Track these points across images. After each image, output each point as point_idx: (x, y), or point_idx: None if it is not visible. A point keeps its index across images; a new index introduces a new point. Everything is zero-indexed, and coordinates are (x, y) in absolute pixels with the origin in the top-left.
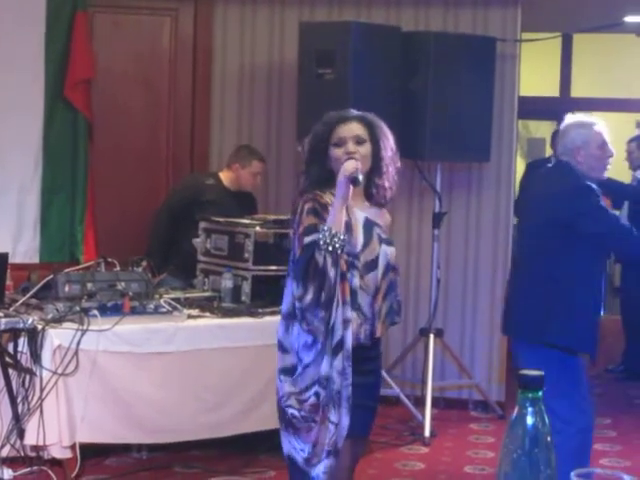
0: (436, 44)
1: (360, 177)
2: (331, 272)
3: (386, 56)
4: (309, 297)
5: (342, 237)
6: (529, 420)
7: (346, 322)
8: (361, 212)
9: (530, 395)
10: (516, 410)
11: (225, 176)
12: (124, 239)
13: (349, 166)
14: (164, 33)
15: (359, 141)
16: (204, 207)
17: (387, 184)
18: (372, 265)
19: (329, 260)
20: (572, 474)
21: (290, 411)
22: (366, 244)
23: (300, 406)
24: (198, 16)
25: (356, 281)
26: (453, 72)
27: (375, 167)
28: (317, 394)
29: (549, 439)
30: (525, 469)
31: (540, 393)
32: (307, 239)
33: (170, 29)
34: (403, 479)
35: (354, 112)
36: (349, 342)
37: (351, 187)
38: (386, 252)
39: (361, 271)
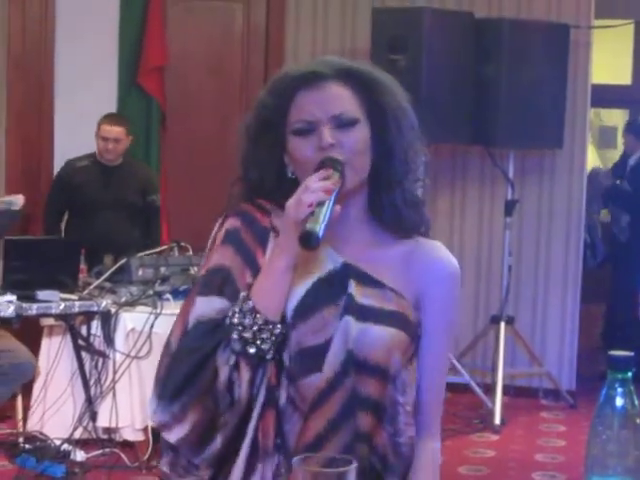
0: (509, 31)
1: (321, 231)
2: (242, 396)
3: (459, 42)
4: (183, 432)
5: (278, 328)
6: (618, 401)
7: None
8: (344, 245)
9: (620, 376)
10: (605, 391)
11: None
12: (196, 225)
13: (305, 198)
14: (236, 20)
15: (342, 122)
16: (76, 192)
17: (404, 197)
18: (313, 359)
19: (245, 373)
20: None
21: None
22: (305, 313)
23: None
24: (270, 2)
25: (284, 396)
26: (526, 59)
27: (382, 161)
28: None
29: (638, 421)
30: (613, 451)
31: (629, 374)
32: (201, 306)
33: (242, 15)
34: (473, 466)
35: (330, 60)
36: None
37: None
38: (347, 332)
39: (292, 369)
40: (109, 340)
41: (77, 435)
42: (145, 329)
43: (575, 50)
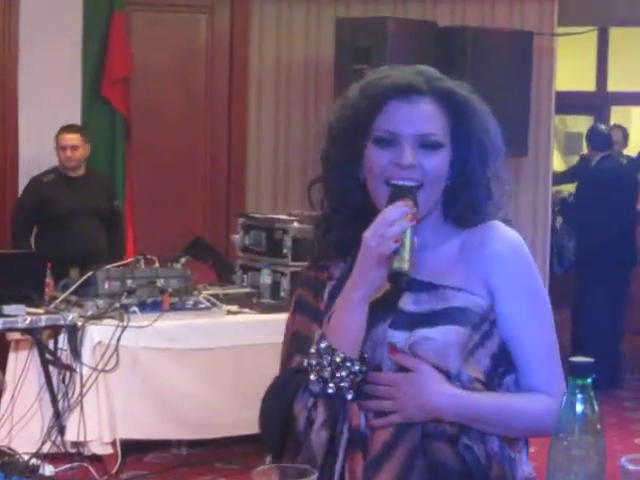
0: (473, 39)
1: (407, 267)
2: (314, 439)
3: (422, 51)
4: None
5: (357, 366)
6: (578, 407)
7: None
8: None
9: (580, 382)
10: (565, 397)
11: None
12: (162, 236)
13: (389, 232)
14: (201, 30)
15: (427, 143)
16: (47, 206)
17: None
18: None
19: (320, 415)
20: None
21: None
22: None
23: None
24: (234, 13)
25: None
26: (490, 67)
27: (462, 186)
28: None
29: (599, 426)
30: (575, 456)
31: (589, 380)
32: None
33: (207, 26)
34: None
35: (429, 74)
36: None
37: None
38: (396, 345)
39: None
40: (76, 354)
41: (45, 449)
42: (112, 342)
43: (539, 57)
